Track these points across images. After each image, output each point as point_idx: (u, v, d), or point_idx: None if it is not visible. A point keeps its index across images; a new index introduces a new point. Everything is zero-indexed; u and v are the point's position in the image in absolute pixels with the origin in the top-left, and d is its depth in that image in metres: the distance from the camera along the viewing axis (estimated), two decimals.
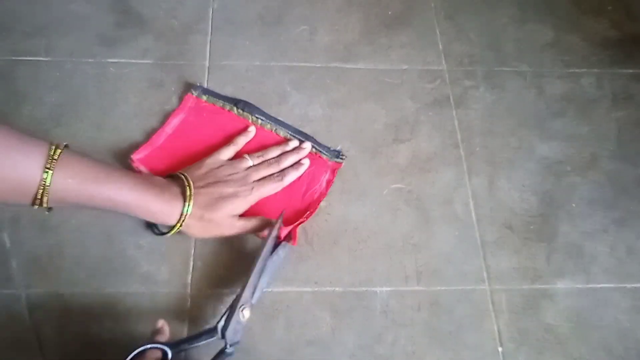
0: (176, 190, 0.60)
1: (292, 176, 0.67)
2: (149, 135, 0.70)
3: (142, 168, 0.66)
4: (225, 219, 0.61)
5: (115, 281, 0.62)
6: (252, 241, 0.66)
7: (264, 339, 0.61)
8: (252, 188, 0.64)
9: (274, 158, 0.68)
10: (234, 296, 0.62)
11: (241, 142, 0.69)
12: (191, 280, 0.63)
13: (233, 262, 0.64)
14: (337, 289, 0.64)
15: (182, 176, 0.61)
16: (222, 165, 0.65)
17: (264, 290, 0.59)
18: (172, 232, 0.61)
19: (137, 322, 0.60)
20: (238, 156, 0.68)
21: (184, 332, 0.60)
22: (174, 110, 0.72)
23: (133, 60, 0.77)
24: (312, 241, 0.66)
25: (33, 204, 0.52)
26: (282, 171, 0.67)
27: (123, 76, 0.75)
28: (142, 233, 0.65)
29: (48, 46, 0.77)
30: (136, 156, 0.67)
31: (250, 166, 0.66)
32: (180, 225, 0.60)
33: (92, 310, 0.60)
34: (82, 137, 0.70)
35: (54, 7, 0.80)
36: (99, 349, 0.58)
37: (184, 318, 0.61)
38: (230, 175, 0.64)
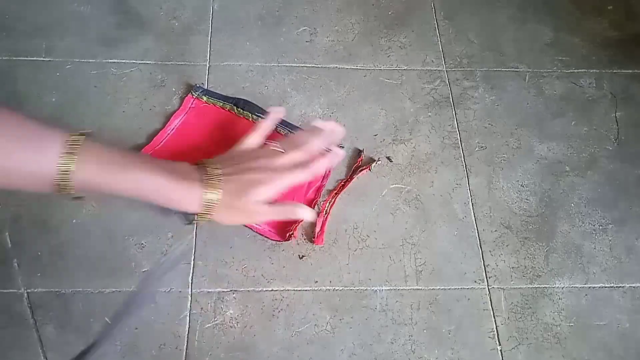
0: (197, 177, 0.57)
1: (322, 165, 0.62)
2: (150, 135, 0.70)
3: None
4: (253, 205, 0.59)
5: (117, 281, 0.62)
6: (253, 241, 0.66)
7: (264, 338, 0.61)
8: (282, 175, 0.60)
9: (303, 146, 0.63)
10: (234, 295, 0.63)
11: (266, 126, 0.65)
12: (192, 279, 0.63)
13: (234, 261, 0.64)
14: (337, 288, 0.64)
15: (206, 166, 0.59)
16: (251, 152, 0.62)
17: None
18: (202, 220, 0.58)
19: (138, 321, 0.60)
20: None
21: (184, 332, 0.60)
22: (175, 112, 0.72)
23: (134, 61, 0.77)
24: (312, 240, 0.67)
25: (58, 190, 0.51)
26: (311, 160, 0.62)
27: (124, 77, 0.76)
28: (143, 232, 0.65)
29: (48, 46, 0.77)
30: None
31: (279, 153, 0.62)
32: (209, 213, 0.57)
33: (94, 310, 0.61)
34: None
35: (54, 7, 0.80)
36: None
37: (185, 317, 0.61)
38: (259, 161, 0.60)
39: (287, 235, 0.65)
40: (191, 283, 0.63)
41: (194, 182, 0.57)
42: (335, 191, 0.69)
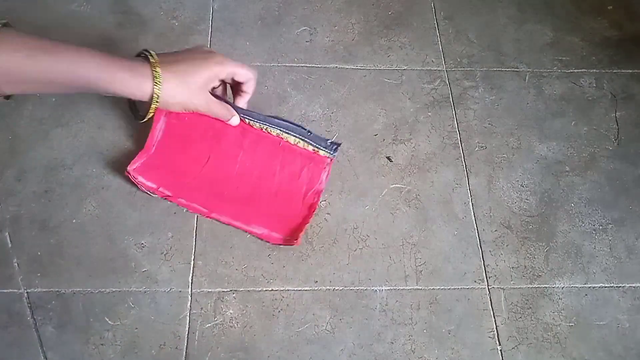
0: (140, 59, 0.56)
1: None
2: (143, 140, 0.70)
3: (140, 178, 0.65)
4: (200, 86, 0.58)
5: (116, 280, 0.62)
6: (253, 241, 0.66)
7: (264, 338, 0.61)
8: (223, 56, 0.61)
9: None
10: (234, 295, 0.63)
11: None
12: (192, 279, 0.63)
13: (234, 261, 0.64)
14: (336, 288, 0.64)
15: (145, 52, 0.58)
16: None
17: None
18: (154, 103, 0.56)
19: (138, 321, 0.61)
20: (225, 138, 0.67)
21: (184, 331, 0.60)
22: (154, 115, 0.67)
23: None
24: (312, 240, 0.67)
25: None
26: None
27: None
28: (143, 232, 0.65)
29: None
30: (131, 167, 0.65)
31: None
32: (158, 89, 0.54)
33: (94, 310, 0.61)
34: (83, 137, 0.70)
35: (54, 7, 0.80)
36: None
37: (185, 317, 0.61)
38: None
39: (291, 240, 0.65)
40: (191, 283, 0.63)
41: (139, 60, 0.55)
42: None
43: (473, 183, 0.72)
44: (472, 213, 0.70)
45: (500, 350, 0.62)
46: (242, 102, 0.66)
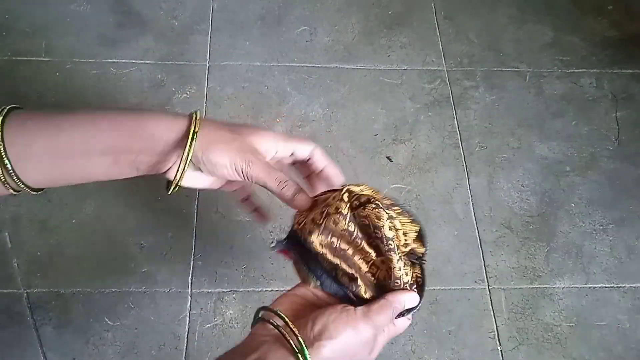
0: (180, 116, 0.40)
1: None
2: None
3: None
4: (250, 143, 0.40)
5: (116, 281, 0.62)
6: (253, 241, 0.66)
7: None
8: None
9: None
10: (234, 295, 0.63)
11: None
12: (192, 279, 0.63)
13: (233, 261, 0.64)
14: None
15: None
16: None
17: None
18: (190, 142, 0.37)
19: (138, 320, 0.60)
20: None
21: (184, 331, 0.60)
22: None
23: (133, 61, 0.77)
24: None
25: (15, 190, 0.39)
26: None
27: (123, 76, 0.75)
28: (143, 232, 0.65)
29: (48, 46, 0.77)
30: None
31: None
32: (195, 126, 0.38)
33: (94, 310, 0.60)
34: None
35: (54, 7, 0.80)
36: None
37: (185, 317, 0.61)
38: None
39: None
40: (191, 283, 0.63)
41: (176, 115, 0.40)
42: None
43: (473, 183, 0.72)
44: (473, 213, 0.70)
45: (501, 350, 0.62)
46: (337, 180, 0.46)
